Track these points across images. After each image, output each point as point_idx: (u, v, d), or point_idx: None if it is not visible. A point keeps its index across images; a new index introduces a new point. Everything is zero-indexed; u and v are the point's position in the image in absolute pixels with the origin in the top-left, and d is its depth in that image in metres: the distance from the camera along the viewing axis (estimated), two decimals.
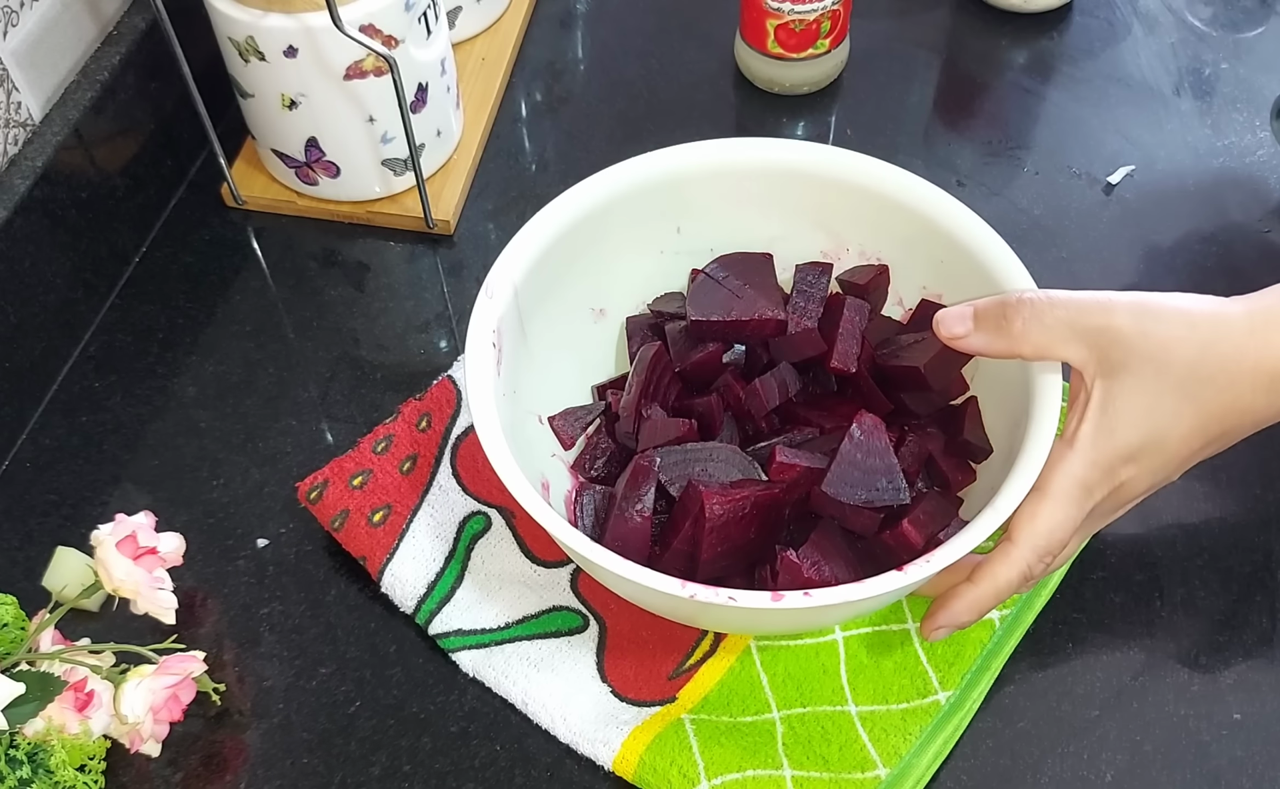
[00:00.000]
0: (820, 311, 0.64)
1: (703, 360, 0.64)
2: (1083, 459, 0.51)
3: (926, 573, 0.49)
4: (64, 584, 0.61)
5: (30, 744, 0.52)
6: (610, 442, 0.65)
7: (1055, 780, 0.56)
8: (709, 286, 0.65)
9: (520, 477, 0.53)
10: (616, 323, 0.68)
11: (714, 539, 0.55)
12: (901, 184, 0.62)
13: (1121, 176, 0.80)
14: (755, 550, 0.57)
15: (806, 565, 0.55)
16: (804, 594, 0.49)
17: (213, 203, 0.81)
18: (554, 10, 0.93)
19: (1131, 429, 0.51)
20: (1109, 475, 0.51)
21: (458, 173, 0.81)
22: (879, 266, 0.65)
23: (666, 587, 0.49)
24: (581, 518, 0.62)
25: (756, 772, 0.55)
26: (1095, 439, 0.51)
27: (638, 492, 0.58)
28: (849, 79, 0.87)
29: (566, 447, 0.65)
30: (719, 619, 0.56)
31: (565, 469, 0.64)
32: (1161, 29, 0.90)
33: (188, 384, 0.72)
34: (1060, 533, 0.51)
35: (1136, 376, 0.50)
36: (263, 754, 0.58)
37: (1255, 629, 0.60)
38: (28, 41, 0.70)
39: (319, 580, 0.64)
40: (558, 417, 0.65)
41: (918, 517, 0.56)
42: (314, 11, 0.68)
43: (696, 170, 0.65)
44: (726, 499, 0.55)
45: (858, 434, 0.57)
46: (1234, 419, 0.51)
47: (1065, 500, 0.51)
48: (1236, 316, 0.51)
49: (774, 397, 0.62)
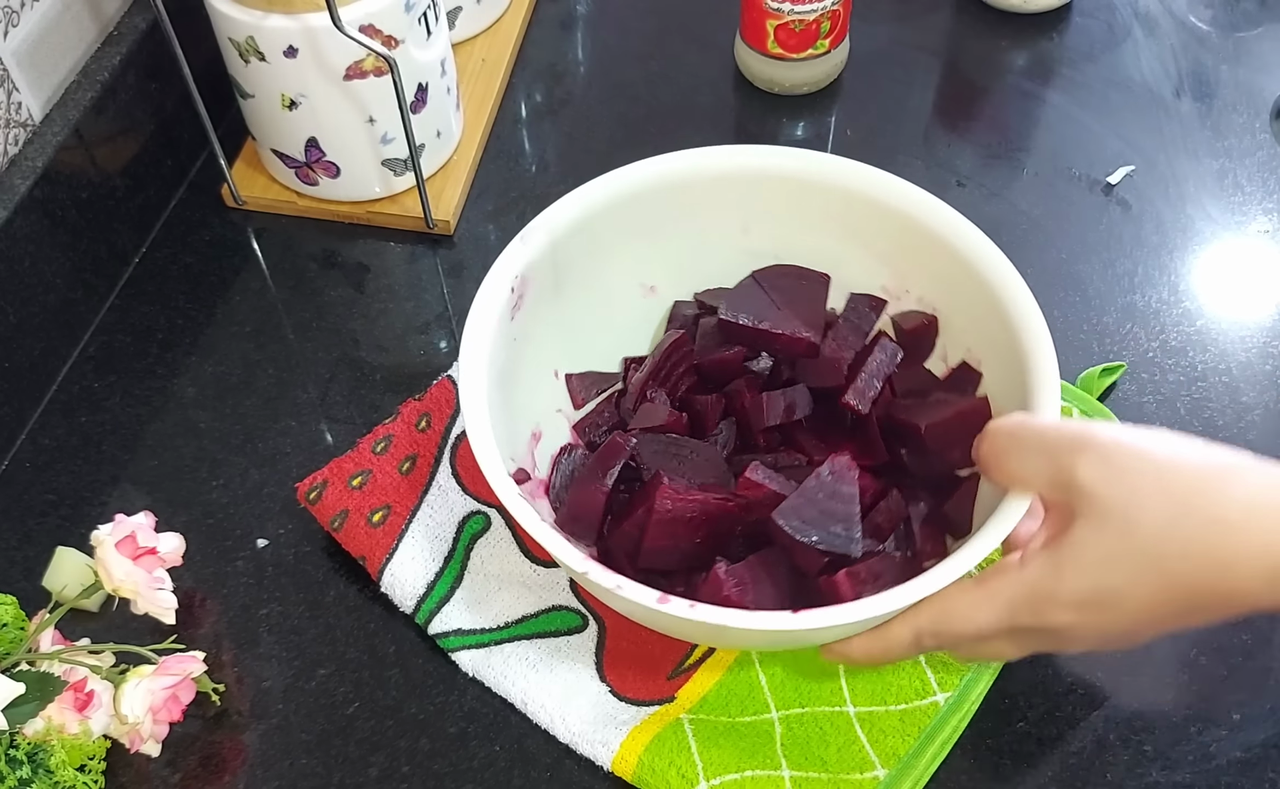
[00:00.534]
0: (860, 345, 0.63)
1: (721, 359, 0.64)
2: (1021, 581, 0.48)
3: (793, 625, 0.49)
4: (64, 584, 0.61)
5: (30, 744, 0.52)
6: (615, 413, 0.66)
7: (1055, 780, 0.56)
8: (753, 291, 0.65)
9: (479, 410, 0.55)
10: (666, 303, 0.69)
11: (657, 531, 0.56)
12: (969, 241, 0.60)
13: (1121, 178, 0.80)
14: (700, 554, 0.57)
15: (730, 583, 0.55)
16: (689, 606, 0.49)
17: (213, 203, 0.81)
18: (554, 12, 0.93)
19: (1080, 577, 0.47)
20: (1039, 611, 0.48)
21: (458, 173, 0.81)
22: (929, 317, 0.64)
23: (570, 560, 0.51)
24: (557, 475, 0.63)
25: (755, 772, 0.55)
26: (1041, 569, 0.48)
27: (605, 465, 0.59)
28: (849, 79, 0.87)
29: (576, 406, 0.66)
30: (624, 608, 0.55)
31: (568, 427, 0.65)
32: (1161, 31, 0.90)
33: (187, 384, 0.72)
34: (964, 625, 0.49)
35: (1098, 527, 0.46)
36: (261, 755, 0.58)
37: (1255, 629, 0.60)
38: (28, 42, 0.70)
39: (318, 581, 0.64)
40: (577, 376, 0.66)
41: (857, 572, 0.55)
42: (314, 12, 0.68)
43: (766, 173, 0.64)
44: (679, 498, 0.56)
45: (826, 474, 0.56)
46: (1219, 601, 0.46)
47: (986, 602, 0.49)
48: (1234, 489, 0.45)
49: (776, 415, 0.62)
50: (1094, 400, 0.67)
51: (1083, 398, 0.67)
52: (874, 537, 0.58)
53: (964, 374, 0.62)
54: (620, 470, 0.60)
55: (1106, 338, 0.72)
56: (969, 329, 0.62)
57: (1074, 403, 0.67)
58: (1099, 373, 0.69)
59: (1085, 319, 0.73)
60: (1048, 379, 0.55)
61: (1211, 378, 0.70)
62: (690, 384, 0.65)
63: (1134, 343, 0.72)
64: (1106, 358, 0.71)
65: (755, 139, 0.83)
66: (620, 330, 0.68)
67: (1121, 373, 0.70)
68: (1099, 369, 0.69)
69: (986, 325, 0.60)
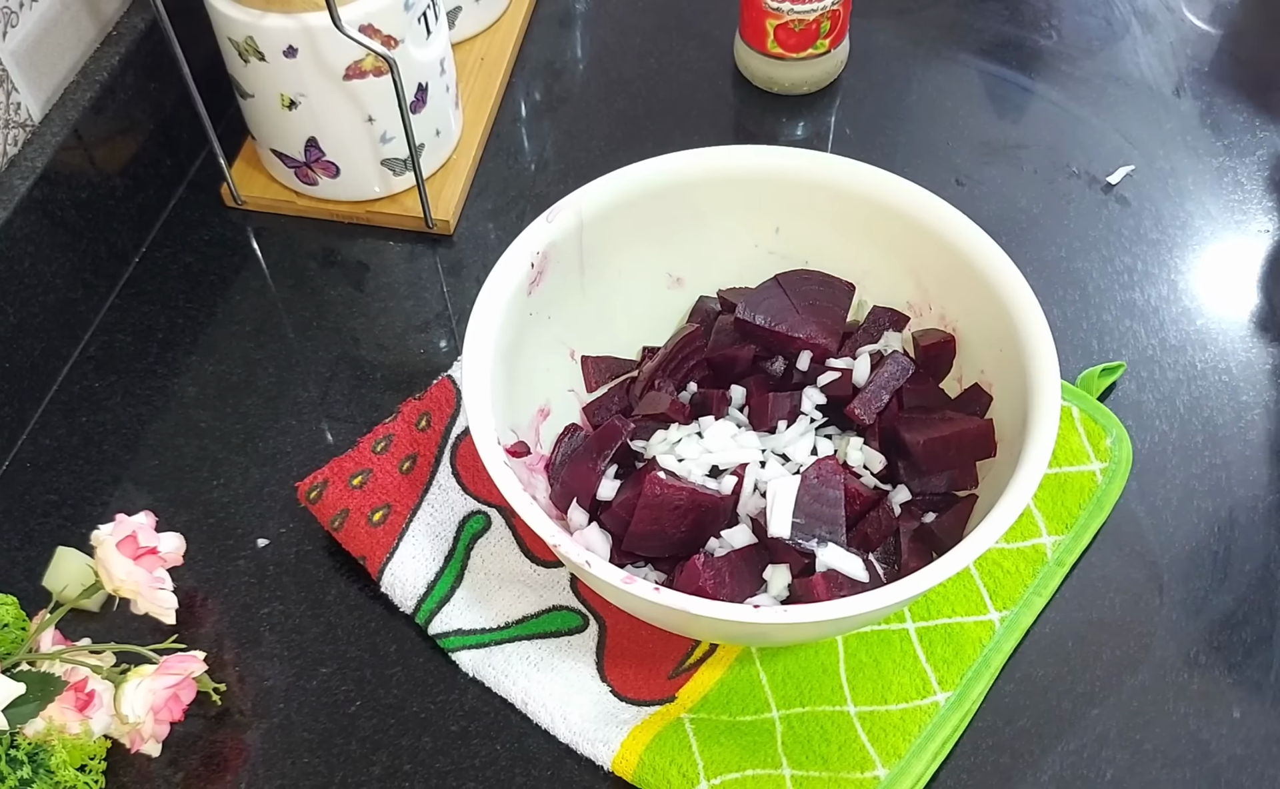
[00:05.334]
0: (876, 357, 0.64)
1: (732, 355, 0.64)
2: None
3: (754, 619, 0.49)
4: (64, 584, 0.61)
5: (31, 744, 0.52)
6: (626, 399, 0.66)
7: (1055, 780, 0.56)
8: (774, 293, 0.65)
9: (480, 373, 0.56)
10: (692, 296, 0.69)
11: (645, 516, 0.57)
12: (994, 263, 0.60)
13: (1121, 176, 0.80)
14: (685, 543, 0.58)
15: (706, 574, 0.55)
16: (654, 588, 0.50)
17: (213, 203, 0.81)
18: (553, 10, 0.93)
19: None
20: None
21: (457, 173, 0.81)
22: (947, 336, 0.64)
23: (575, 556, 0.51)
24: (559, 453, 0.63)
25: (756, 771, 0.55)
26: None
27: (601, 447, 0.60)
28: (848, 79, 0.87)
29: (589, 389, 0.66)
30: (594, 585, 0.55)
31: (579, 408, 0.66)
32: (1160, 28, 0.90)
33: (188, 384, 0.72)
34: None
35: None
36: (263, 754, 0.58)
37: (1255, 629, 0.60)
38: (28, 42, 0.70)
39: (319, 580, 0.64)
40: (593, 359, 0.67)
41: (835, 575, 0.55)
42: (314, 11, 0.68)
43: (803, 177, 0.64)
44: (668, 485, 0.57)
45: (813, 476, 0.57)
46: None
47: None
48: None
49: (780, 416, 0.62)
50: (1094, 400, 0.67)
51: (1083, 398, 0.67)
52: (862, 546, 0.58)
53: (974, 395, 0.62)
54: (624, 456, 0.60)
55: (1106, 335, 0.72)
56: (985, 350, 0.62)
57: (1074, 402, 0.67)
58: (1099, 372, 0.69)
59: (1084, 316, 0.73)
60: (1048, 379, 0.55)
61: (1211, 376, 0.70)
62: (701, 378, 0.66)
63: (1133, 340, 0.72)
64: (1106, 355, 0.71)
65: (754, 138, 0.83)
66: (643, 319, 0.68)
67: (1121, 372, 0.70)
68: (1099, 369, 0.69)
69: (992, 333, 0.60)
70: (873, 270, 0.66)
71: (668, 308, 0.69)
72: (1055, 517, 0.63)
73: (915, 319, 0.66)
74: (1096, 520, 0.63)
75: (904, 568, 0.58)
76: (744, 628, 0.52)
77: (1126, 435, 0.66)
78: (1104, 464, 0.65)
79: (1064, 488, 0.64)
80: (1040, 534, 0.63)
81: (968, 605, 0.61)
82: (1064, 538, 0.63)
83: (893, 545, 0.59)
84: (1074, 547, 0.62)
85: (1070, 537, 0.63)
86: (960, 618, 0.60)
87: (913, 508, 0.60)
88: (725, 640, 0.59)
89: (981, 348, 0.62)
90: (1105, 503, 0.64)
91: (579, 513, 0.60)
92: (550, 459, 0.63)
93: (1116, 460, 0.65)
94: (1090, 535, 0.63)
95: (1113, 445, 0.65)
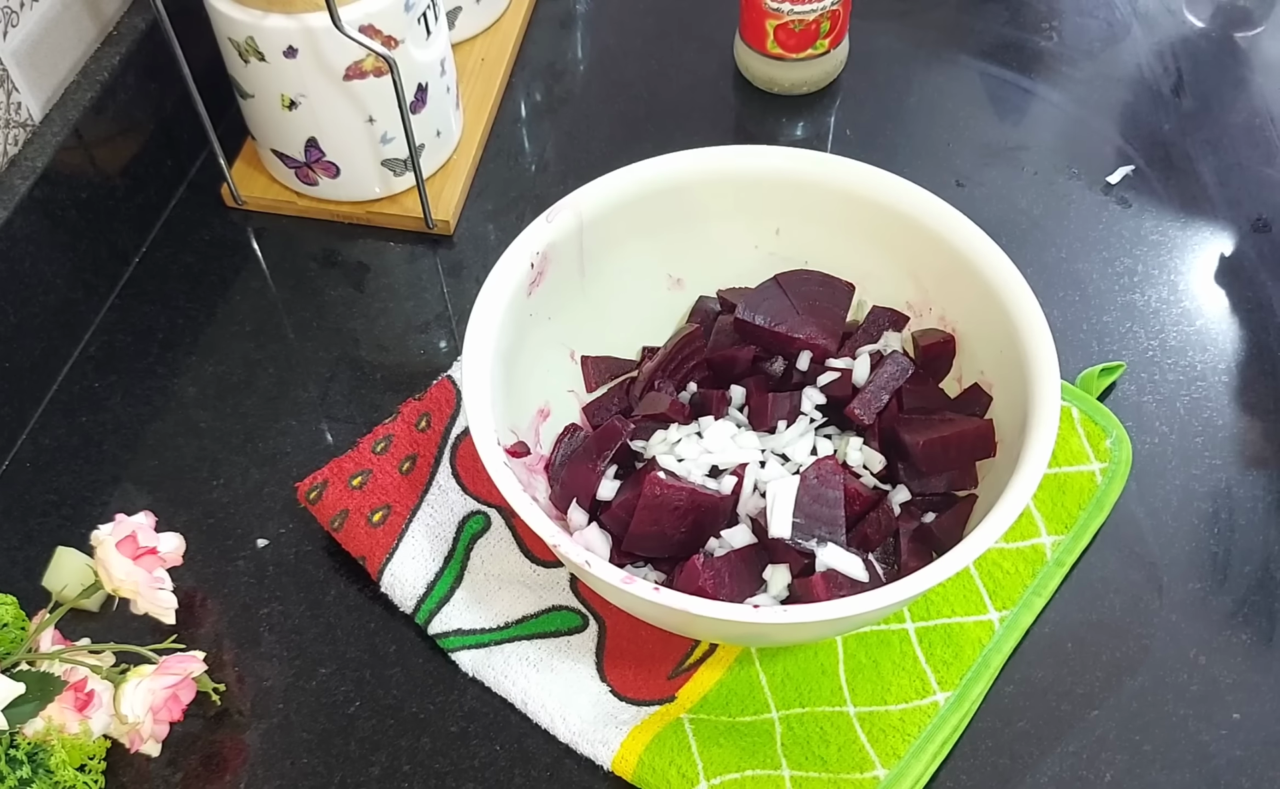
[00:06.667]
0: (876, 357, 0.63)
1: (731, 356, 0.64)
2: None
3: (754, 619, 0.49)
4: (64, 584, 0.61)
5: (30, 744, 0.52)
6: (626, 400, 0.66)
7: (1055, 780, 0.56)
8: (774, 293, 0.65)
9: (479, 374, 0.56)
10: (691, 297, 0.69)
11: (644, 516, 0.57)
12: (994, 266, 0.59)
13: (1121, 177, 0.80)
14: (685, 543, 0.58)
15: (706, 574, 0.55)
16: (654, 588, 0.50)
17: (213, 203, 0.81)
18: (554, 11, 0.93)
19: None
20: None
21: (457, 173, 0.81)
22: (947, 336, 0.64)
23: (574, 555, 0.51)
24: (558, 454, 0.63)
25: (755, 772, 0.55)
26: None
27: (602, 448, 0.60)
28: (848, 79, 0.87)
29: (589, 389, 0.66)
30: (594, 585, 0.55)
31: (579, 408, 0.66)
32: (1161, 28, 0.90)
33: (188, 384, 0.72)
34: None
35: None
36: (262, 754, 0.58)
37: (1255, 629, 0.60)
38: (28, 42, 0.70)
39: (319, 580, 0.64)
40: (593, 359, 0.67)
41: (834, 575, 0.55)
42: (314, 12, 0.68)
43: (803, 178, 0.64)
44: (667, 486, 0.57)
45: (812, 477, 0.57)
46: None
47: None
48: None
49: (780, 416, 0.62)
50: (1094, 401, 0.67)
51: (1083, 398, 0.67)
52: (861, 546, 0.58)
53: (974, 395, 0.62)
54: (623, 456, 0.60)
55: (1106, 336, 0.72)
56: (985, 350, 0.62)
57: (1074, 403, 0.67)
58: (1098, 372, 0.69)
59: (1084, 317, 0.73)
60: (1048, 380, 0.55)
61: (1211, 377, 0.70)
62: (701, 378, 0.66)
63: (1133, 341, 0.72)
64: (1106, 356, 0.71)
65: (754, 139, 0.83)
66: (643, 320, 0.68)
67: (1121, 373, 0.70)
68: (1098, 369, 0.69)
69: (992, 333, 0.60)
70: (872, 271, 0.66)
71: (667, 308, 0.69)
72: (1055, 517, 0.63)
73: (915, 319, 0.66)
74: (1096, 521, 0.63)
75: (904, 568, 0.58)
76: (744, 628, 0.52)
77: (1126, 436, 0.66)
78: (1104, 465, 0.65)
79: (1064, 488, 0.64)
80: (1040, 535, 0.63)
81: (967, 606, 0.61)
82: (1063, 538, 0.63)
83: (892, 545, 0.59)
84: (1073, 547, 0.62)
85: (1070, 537, 0.63)
86: (960, 618, 0.60)
87: (912, 508, 0.60)
88: (725, 640, 0.59)
89: (981, 348, 0.62)
90: (1105, 504, 0.64)
91: (579, 513, 0.60)
92: (550, 459, 0.63)
93: (1116, 461, 0.65)
94: (1090, 536, 0.63)
95: (1112, 446, 0.65)
